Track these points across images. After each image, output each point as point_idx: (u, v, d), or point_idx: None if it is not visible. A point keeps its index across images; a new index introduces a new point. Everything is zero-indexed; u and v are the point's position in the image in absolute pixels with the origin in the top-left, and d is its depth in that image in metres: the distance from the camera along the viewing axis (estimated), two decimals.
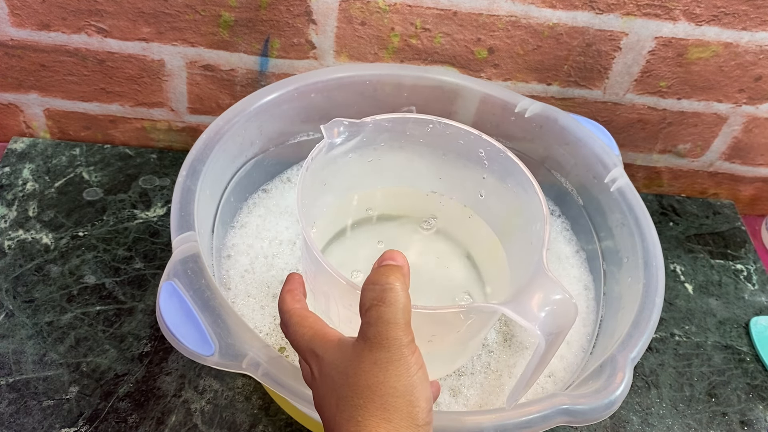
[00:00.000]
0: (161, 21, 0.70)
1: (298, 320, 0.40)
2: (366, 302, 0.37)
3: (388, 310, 0.36)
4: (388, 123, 0.55)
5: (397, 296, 0.36)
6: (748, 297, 0.77)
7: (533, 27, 0.71)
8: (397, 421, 0.34)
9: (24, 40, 0.72)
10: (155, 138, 0.82)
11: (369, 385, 0.35)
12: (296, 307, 0.42)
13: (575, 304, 0.43)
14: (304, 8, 0.69)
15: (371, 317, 0.36)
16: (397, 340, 0.35)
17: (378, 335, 0.35)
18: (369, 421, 0.34)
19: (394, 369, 0.35)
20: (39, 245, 0.69)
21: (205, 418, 0.58)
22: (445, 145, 0.57)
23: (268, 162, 0.67)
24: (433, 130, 0.56)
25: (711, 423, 0.65)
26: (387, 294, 0.36)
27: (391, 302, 0.36)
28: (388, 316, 0.35)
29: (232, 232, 0.64)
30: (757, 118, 0.80)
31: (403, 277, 0.37)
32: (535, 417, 0.45)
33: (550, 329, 0.42)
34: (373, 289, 0.37)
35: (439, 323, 0.48)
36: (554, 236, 0.69)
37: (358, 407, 0.34)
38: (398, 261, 0.38)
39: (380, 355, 0.35)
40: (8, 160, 0.77)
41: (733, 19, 0.70)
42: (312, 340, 0.39)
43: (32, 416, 0.57)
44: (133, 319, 0.64)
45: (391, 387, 0.34)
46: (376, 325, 0.36)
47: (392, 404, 0.34)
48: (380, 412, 0.34)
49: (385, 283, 0.37)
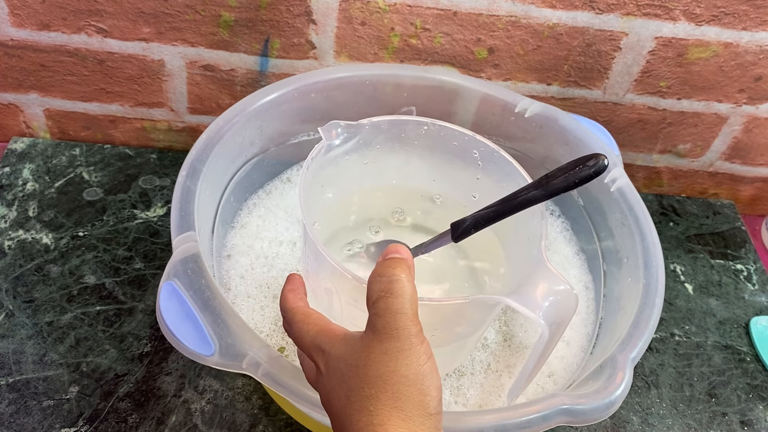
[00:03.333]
0: (161, 21, 0.70)
1: (301, 318, 0.40)
2: (373, 294, 0.37)
3: (396, 300, 0.36)
4: (384, 125, 0.56)
5: (404, 287, 0.37)
6: (748, 297, 0.77)
7: (533, 27, 0.71)
8: (409, 410, 0.34)
9: (24, 40, 0.72)
10: (155, 138, 0.82)
11: (380, 375, 0.35)
12: (299, 305, 0.42)
13: (576, 295, 0.44)
14: (304, 8, 0.69)
15: (379, 308, 0.36)
16: (406, 329, 0.36)
17: (387, 326, 0.36)
18: (381, 410, 0.34)
19: (404, 358, 0.35)
20: (39, 245, 0.69)
21: (205, 418, 0.58)
22: (441, 146, 0.57)
23: (268, 162, 0.67)
24: (428, 132, 0.57)
25: (711, 423, 0.65)
26: (394, 285, 0.37)
27: (398, 293, 0.36)
28: (396, 307, 0.36)
29: (232, 232, 0.64)
30: (757, 118, 0.80)
31: (408, 269, 0.38)
32: (535, 417, 0.45)
33: (553, 319, 0.43)
34: (380, 281, 0.37)
35: (443, 316, 0.49)
36: (554, 236, 0.69)
37: (370, 397, 0.35)
38: (402, 254, 0.39)
39: (390, 345, 0.35)
40: (8, 160, 0.77)
41: (733, 19, 0.70)
42: (317, 337, 0.39)
43: (32, 416, 0.57)
44: (133, 319, 0.64)
45: (402, 376, 0.35)
46: (384, 316, 0.36)
47: (404, 393, 0.34)
48: (392, 401, 0.34)
49: (391, 275, 0.37)
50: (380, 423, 0.34)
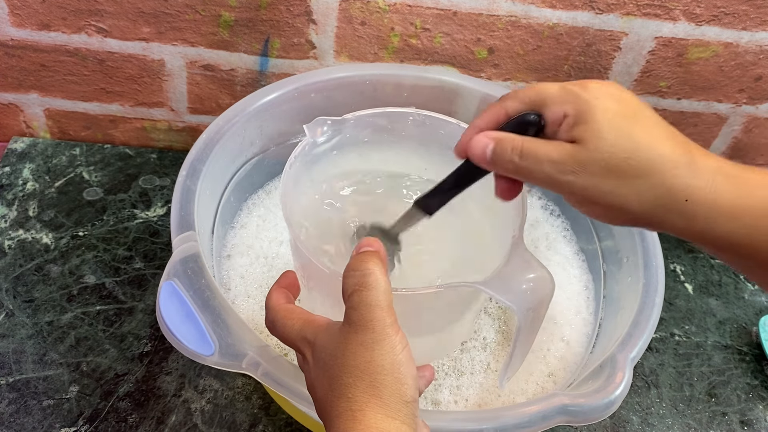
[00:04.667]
0: (161, 21, 0.70)
1: (284, 314, 0.42)
2: (348, 288, 0.38)
3: (369, 293, 0.37)
4: (369, 118, 0.56)
5: (377, 280, 0.38)
6: (748, 297, 0.77)
7: (533, 27, 0.71)
8: (386, 397, 0.35)
9: (24, 40, 0.72)
10: (155, 138, 0.82)
11: (357, 365, 0.36)
12: (281, 303, 0.43)
13: (552, 279, 0.44)
14: (304, 8, 0.69)
15: (354, 302, 0.37)
16: (381, 321, 0.37)
17: (362, 318, 0.37)
18: (360, 397, 0.35)
19: (380, 348, 0.36)
20: (39, 245, 0.69)
21: (205, 418, 0.58)
22: (428, 135, 0.58)
23: (268, 162, 0.67)
24: (414, 122, 0.57)
25: (711, 423, 0.65)
26: (367, 278, 0.38)
27: (372, 286, 0.37)
28: (370, 300, 0.37)
29: (232, 232, 0.64)
30: (757, 118, 0.80)
31: (381, 262, 0.39)
32: (535, 417, 0.45)
33: (529, 305, 0.43)
34: (354, 275, 0.38)
35: (417, 305, 0.49)
36: (554, 236, 0.69)
37: (349, 385, 0.36)
38: (375, 246, 0.40)
39: (366, 336, 0.36)
40: (8, 159, 0.77)
41: (733, 19, 0.70)
42: (302, 329, 0.40)
43: (32, 416, 0.57)
44: (133, 318, 0.64)
45: (379, 365, 0.36)
46: (359, 308, 0.37)
47: (381, 381, 0.36)
48: (370, 389, 0.36)
49: (364, 268, 0.38)
50: (359, 408, 0.35)
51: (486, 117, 0.42)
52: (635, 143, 0.37)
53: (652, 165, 0.37)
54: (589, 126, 0.38)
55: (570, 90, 0.39)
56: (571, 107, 0.38)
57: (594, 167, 0.37)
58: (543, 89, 0.40)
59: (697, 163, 0.37)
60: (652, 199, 0.37)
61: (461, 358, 0.59)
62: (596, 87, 0.39)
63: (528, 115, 0.40)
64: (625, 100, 0.39)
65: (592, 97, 0.38)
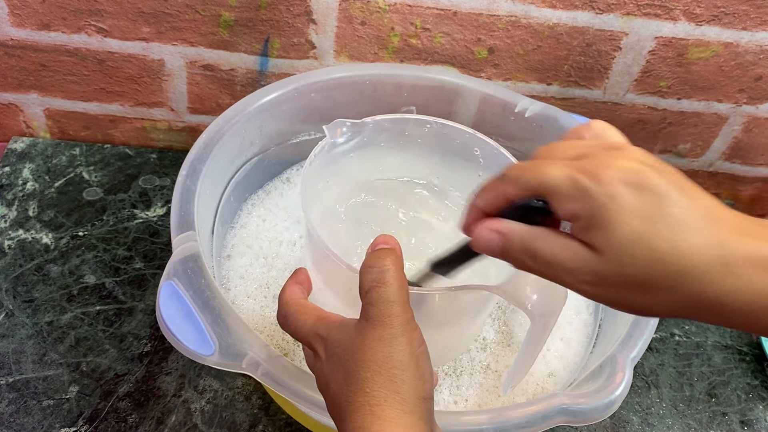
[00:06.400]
0: (161, 21, 0.70)
1: (297, 309, 0.42)
2: (365, 285, 0.38)
3: (387, 290, 0.37)
4: (387, 123, 0.57)
5: (395, 277, 0.38)
6: None
7: (533, 27, 0.71)
8: (405, 393, 0.35)
9: (24, 40, 0.72)
10: (155, 138, 0.82)
11: (375, 360, 0.36)
12: (295, 298, 0.43)
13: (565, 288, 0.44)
14: (304, 8, 0.69)
15: (372, 298, 0.37)
16: (399, 317, 0.37)
17: (380, 314, 0.37)
18: (378, 392, 0.35)
19: (398, 344, 0.36)
20: (39, 245, 0.69)
21: (205, 418, 0.58)
22: (443, 144, 0.58)
23: (268, 162, 0.67)
24: (431, 130, 0.58)
25: (711, 423, 0.65)
26: (385, 275, 0.38)
27: (389, 282, 0.38)
28: (387, 296, 0.37)
29: (232, 232, 0.64)
30: (757, 118, 0.80)
31: (397, 259, 0.39)
32: (535, 417, 0.45)
33: (542, 311, 0.44)
34: (371, 271, 0.38)
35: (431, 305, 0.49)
36: None
37: (366, 380, 0.36)
38: (390, 244, 0.40)
39: (384, 332, 0.36)
40: (8, 159, 0.77)
41: (733, 19, 0.70)
42: (315, 324, 0.40)
43: (32, 416, 0.57)
44: (133, 318, 0.64)
45: (397, 360, 0.36)
46: (377, 304, 0.37)
47: (399, 377, 0.36)
48: (388, 384, 0.35)
49: (381, 265, 0.38)
50: (377, 404, 0.35)
51: (486, 198, 0.37)
52: (660, 255, 0.32)
53: (679, 277, 0.32)
54: (604, 234, 0.32)
55: (580, 185, 0.32)
56: (581, 208, 0.32)
57: (614, 280, 0.33)
58: (546, 177, 0.34)
59: (731, 262, 0.32)
60: (683, 306, 0.33)
61: (461, 359, 0.59)
62: (610, 177, 0.32)
63: (533, 201, 0.36)
64: (643, 187, 0.32)
65: (607, 197, 0.32)
